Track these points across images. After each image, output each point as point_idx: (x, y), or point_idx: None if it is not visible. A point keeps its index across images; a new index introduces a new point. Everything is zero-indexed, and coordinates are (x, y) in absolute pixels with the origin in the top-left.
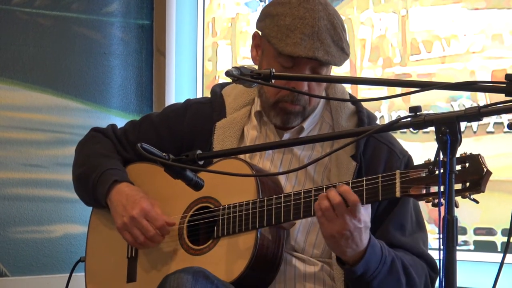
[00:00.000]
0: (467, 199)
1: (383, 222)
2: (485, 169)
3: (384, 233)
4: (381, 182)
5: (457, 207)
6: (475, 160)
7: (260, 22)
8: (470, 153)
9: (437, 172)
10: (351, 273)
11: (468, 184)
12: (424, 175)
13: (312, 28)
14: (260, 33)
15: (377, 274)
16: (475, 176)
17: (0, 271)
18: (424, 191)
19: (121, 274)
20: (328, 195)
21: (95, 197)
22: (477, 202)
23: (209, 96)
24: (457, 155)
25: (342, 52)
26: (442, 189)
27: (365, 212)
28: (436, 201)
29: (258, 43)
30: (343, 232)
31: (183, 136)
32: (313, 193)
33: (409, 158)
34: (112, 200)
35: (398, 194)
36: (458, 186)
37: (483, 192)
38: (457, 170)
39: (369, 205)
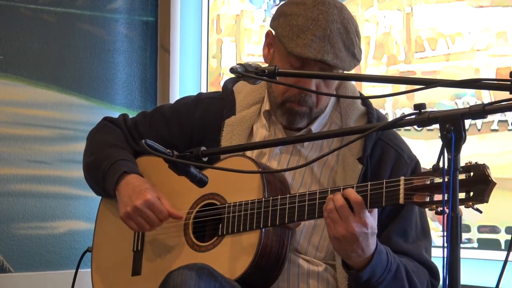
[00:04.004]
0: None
1: (386, 227)
2: (490, 179)
3: (386, 239)
4: (385, 188)
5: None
6: (479, 170)
7: (274, 21)
8: (476, 163)
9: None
10: (357, 278)
11: (472, 193)
12: (428, 182)
13: (324, 30)
14: (273, 32)
15: (382, 281)
16: (479, 186)
17: (4, 267)
18: (428, 199)
19: (126, 267)
20: (333, 198)
21: (104, 187)
22: (480, 212)
23: (220, 90)
24: (462, 162)
25: (353, 57)
26: (446, 197)
27: (372, 218)
28: (439, 209)
29: (271, 41)
30: (347, 235)
31: (193, 131)
32: (317, 196)
33: (416, 163)
34: (120, 191)
35: (401, 200)
36: (461, 196)
37: (487, 202)
38: (461, 179)
39: (376, 210)
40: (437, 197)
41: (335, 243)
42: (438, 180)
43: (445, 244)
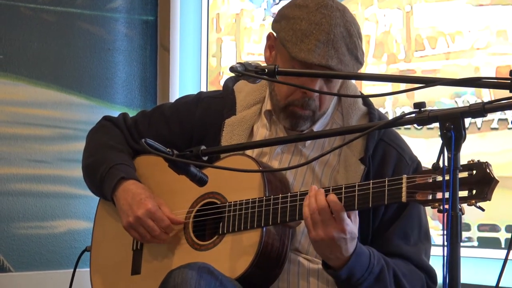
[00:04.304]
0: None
1: (388, 229)
2: (492, 177)
3: (386, 241)
4: (388, 186)
5: (462, 213)
6: (482, 168)
7: (276, 23)
8: (478, 161)
9: (441, 166)
10: (335, 277)
11: (474, 191)
12: (430, 180)
13: (327, 35)
14: (275, 34)
15: (363, 281)
16: (481, 183)
17: (4, 267)
18: (430, 197)
19: (126, 266)
20: (316, 198)
21: (102, 191)
22: (483, 210)
23: (221, 90)
24: (464, 160)
25: (356, 61)
26: (447, 195)
27: (352, 223)
28: (442, 207)
29: (272, 44)
30: (326, 239)
31: (193, 130)
32: None
33: (418, 164)
34: (118, 198)
35: (404, 199)
36: (464, 194)
37: (489, 200)
38: (464, 178)
39: (356, 215)
40: (440, 195)
41: (314, 245)
42: (440, 178)
43: (445, 243)
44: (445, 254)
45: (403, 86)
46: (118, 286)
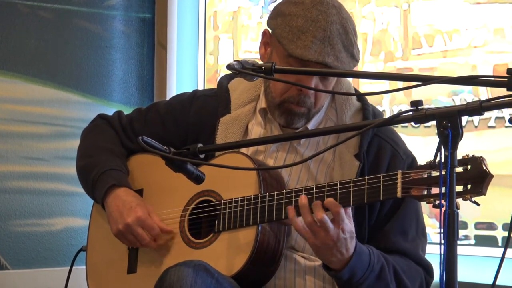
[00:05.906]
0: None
1: (385, 226)
2: (487, 172)
3: (384, 237)
4: (383, 182)
5: (458, 208)
6: (477, 163)
7: (272, 20)
8: (473, 155)
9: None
10: (337, 278)
11: (469, 186)
12: (426, 176)
13: (324, 31)
14: (270, 31)
15: (364, 280)
16: (476, 178)
17: (1, 264)
18: (425, 192)
19: (121, 265)
20: (314, 212)
21: (94, 196)
22: (478, 204)
23: (216, 87)
24: (460, 156)
25: (352, 58)
26: (443, 190)
27: (349, 222)
28: (437, 202)
29: (268, 41)
30: (327, 242)
31: (188, 129)
32: (314, 191)
33: (413, 159)
34: (108, 205)
35: (399, 194)
36: (459, 188)
37: (485, 195)
38: (459, 172)
39: (350, 213)
40: (435, 190)
41: (314, 249)
42: (435, 173)
43: (442, 241)
44: (442, 252)
45: (400, 84)
46: (114, 285)
